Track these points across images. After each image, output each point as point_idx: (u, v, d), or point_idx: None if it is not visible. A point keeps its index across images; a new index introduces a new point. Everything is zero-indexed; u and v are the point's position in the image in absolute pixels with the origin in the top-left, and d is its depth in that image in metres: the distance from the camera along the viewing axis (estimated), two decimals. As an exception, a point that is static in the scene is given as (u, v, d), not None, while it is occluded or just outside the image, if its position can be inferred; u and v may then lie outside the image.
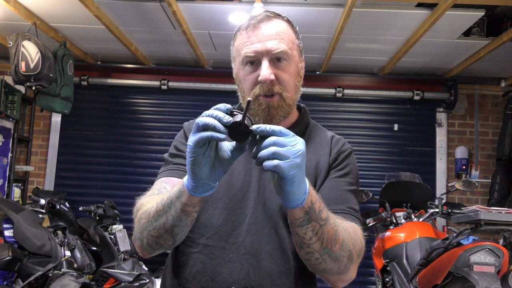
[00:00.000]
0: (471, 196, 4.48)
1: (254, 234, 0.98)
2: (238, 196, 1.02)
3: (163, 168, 1.10)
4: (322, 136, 1.14)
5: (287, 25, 1.06)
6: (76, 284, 2.87)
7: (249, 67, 1.02)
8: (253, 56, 1.00)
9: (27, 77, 3.41)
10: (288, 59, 1.02)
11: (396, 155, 4.56)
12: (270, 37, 1.00)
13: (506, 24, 3.41)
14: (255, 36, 1.01)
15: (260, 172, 1.03)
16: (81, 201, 4.14)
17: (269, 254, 0.98)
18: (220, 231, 0.99)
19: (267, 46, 0.99)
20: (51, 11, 3.44)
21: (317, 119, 1.24)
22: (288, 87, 1.03)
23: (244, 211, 1.00)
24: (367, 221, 3.20)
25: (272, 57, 1.00)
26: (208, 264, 0.98)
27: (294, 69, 1.05)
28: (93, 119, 4.70)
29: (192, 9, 3.28)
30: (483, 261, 2.21)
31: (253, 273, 0.96)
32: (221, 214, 1.01)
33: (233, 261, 0.97)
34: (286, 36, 1.03)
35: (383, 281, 3.12)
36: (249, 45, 1.01)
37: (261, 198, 1.01)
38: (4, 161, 4.24)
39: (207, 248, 0.99)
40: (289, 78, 1.03)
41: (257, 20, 1.02)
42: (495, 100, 4.63)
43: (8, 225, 3.39)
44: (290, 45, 1.04)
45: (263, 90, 1.00)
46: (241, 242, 0.98)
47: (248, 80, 1.02)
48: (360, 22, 3.35)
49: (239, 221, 1.00)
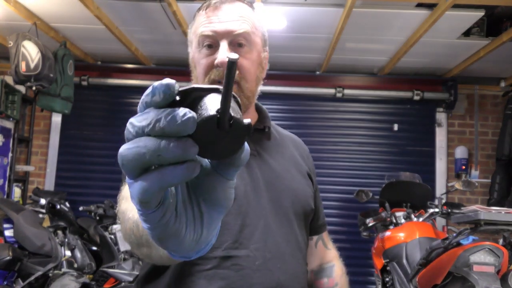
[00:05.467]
0: (471, 196, 4.49)
1: (273, 236, 0.90)
2: (249, 196, 0.91)
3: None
4: (286, 133, 1.15)
5: (251, 10, 0.96)
6: (76, 284, 2.87)
7: (206, 50, 0.91)
8: (211, 35, 0.89)
9: (27, 77, 3.41)
10: (250, 45, 0.92)
11: (396, 155, 4.56)
12: (232, 17, 0.90)
13: (506, 24, 3.41)
14: (215, 16, 0.91)
15: (260, 168, 0.94)
16: (81, 201, 4.14)
17: (291, 254, 0.93)
18: (240, 239, 0.87)
19: (227, 27, 0.89)
20: (51, 11, 3.44)
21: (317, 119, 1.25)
22: (248, 76, 0.92)
23: (257, 212, 0.90)
24: (367, 221, 3.20)
25: (232, 40, 0.90)
26: (235, 277, 0.85)
27: (256, 58, 0.94)
28: (93, 119, 4.70)
29: (192, 9, 3.28)
30: (483, 261, 2.21)
31: (283, 277, 0.89)
32: (236, 220, 0.88)
33: (262, 268, 0.87)
34: (250, 19, 0.93)
35: (383, 281, 3.12)
36: (208, 24, 0.90)
37: (272, 194, 0.94)
38: (5, 161, 4.25)
39: (229, 260, 0.86)
40: (250, 66, 0.92)
41: (220, 1, 0.92)
42: (495, 100, 4.64)
43: (8, 225, 3.39)
44: (253, 29, 0.93)
45: (219, 75, 0.88)
46: (264, 247, 0.89)
47: (203, 64, 0.90)
48: (360, 22, 3.35)
49: (255, 224, 0.89)
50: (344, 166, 4.51)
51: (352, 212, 4.24)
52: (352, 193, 3.74)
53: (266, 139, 1.03)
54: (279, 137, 1.09)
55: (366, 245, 3.60)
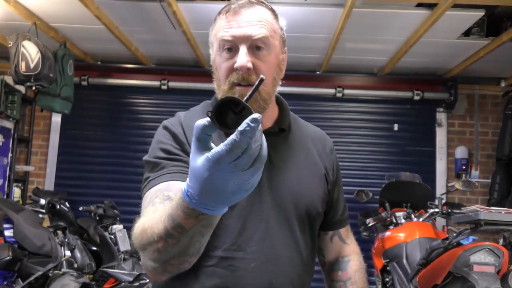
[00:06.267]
0: (471, 196, 4.48)
1: (271, 240, 0.95)
2: (252, 201, 0.95)
3: (153, 174, 0.95)
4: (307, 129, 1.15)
5: (270, 13, 1.00)
6: (76, 284, 2.87)
7: (226, 53, 0.95)
8: (231, 40, 0.94)
9: (27, 77, 3.41)
10: (268, 49, 0.96)
11: (396, 155, 4.56)
12: (251, 23, 0.94)
13: (506, 24, 3.41)
14: (235, 21, 0.94)
15: (266, 172, 0.95)
16: (81, 201, 4.13)
17: (287, 258, 0.97)
18: (238, 241, 0.93)
19: (246, 32, 0.93)
20: (51, 11, 3.44)
21: (317, 119, 1.26)
22: (266, 79, 0.95)
23: (258, 216, 0.95)
24: (367, 221, 3.20)
25: (251, 44, 0.94)
26: (229, 277, 0.92)
27: (274, 60, 0.98)
28: (93, 119, 4.70)
29: (192, 9, 3.28)
30: (483, 261, 2.21)
31: (276, 280, 0.94)
32: (236, 224, 0.94)
33: (256, 270, 0.93)
34: (269, 23, 0.97)
35: (383, 281, 3.12)
36: (228, 29, 0.94)
37: (275, 199, 0.97)
38: (4, 161, 4.25)
39: (226, 260, 0.92)
40: (268, 69, 0.96)
41: (238, 5, 0.95)
42: (495, 100, 4.63)
43: (8, 225, 3.38)
44: (272, 33, 0.97)
45: (238, 78, 0.93)
46: (261, 250, 0.94)
47: (224, 67, 0.95)
48: (360, 22, 3.35)
49: (255, 228, 0.94)
50: (344, 166, 4.51)
51: (352, 212, 4.20)
52: (352, 193, 3.74)
53: (283, 140, 1.06)
54: (299, 134, 1.10)
55: (366, 245, 3.59)
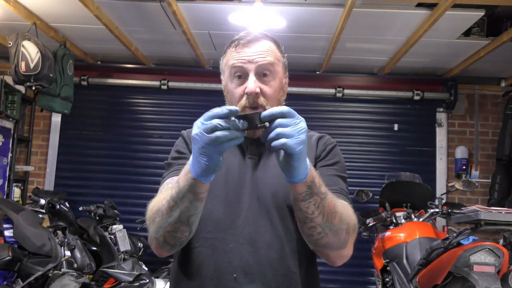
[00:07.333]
0: (471, 196, 4.48)
1: (251, 225, 1.08)
2: (234, 191, 1.12)
3: (166, 172, 1.17)
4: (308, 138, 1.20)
5: (274, 44, 1.18)
6: (76, 284, 2.87)
7: (237, 80, 1.13)
8: (241, 67, 1.11)
9: (27, 77, 3.41)
10: (273, 75, 1.14)
11: (396, 155, 4.56)
12: (258, 53, 1.12)
13: (506, 24, 3.41)
14: (244, 52, 1.12)
15: (252, 169, 1.14)
16: (81, 201, 4.13)
17: (266, 243, 1.07)
18: (219, 224, 1.09)
19: (254, 59, 1.11)
20: (51, 11, 3.44)
21: (317, 119, 1.27)
22: (272, 101, 1.13)
23: (240, 205, 1.10)
24: (367, 221, 3.20)
25: (258, 70, 1.11)
26: (210, 255, 1.07)
27: (278, 84, 1.16)
28: (93, 119, 4.70)
29: (192, 9, 3.28)
30: (483, 261, 2.21)
31: (253, 261, 1.05)
32: (219, 208, 1.10)
33: (233, 250, 1.06)
34: (273, 53, 1.15)
35: (383, 281, 3.12)
36: (238, 57, 1.12)
37: (255, 192, 1.11)
38: (4, 161, 4.25)
39: (208, 240, 1.08)
40: (273, 92, 1.14)
41: (247, 40, 1.13)
42: (495, 100, 4.63)
43: (8, 225, 3.39)
44: (276, 61, 1.15)
45: (249, 102, 1.11)
46: (240, 233, 1.07)
47: (236, 93, 1.13)
48: (360, 22, 3.35)
49: (236, 214, 1.09)
50: (344, 166, 4.51)
51: (352, 212, 4.23)
52: (352, 193, 3.74)
53: None
54: None
55: (366, 245, 3.60)
